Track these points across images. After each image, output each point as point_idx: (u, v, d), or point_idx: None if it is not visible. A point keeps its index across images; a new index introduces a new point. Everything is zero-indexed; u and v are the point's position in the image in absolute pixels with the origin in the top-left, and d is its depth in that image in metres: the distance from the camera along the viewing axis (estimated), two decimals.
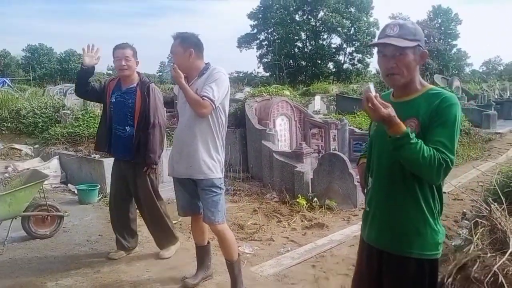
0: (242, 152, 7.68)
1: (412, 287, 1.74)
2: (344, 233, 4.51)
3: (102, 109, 4.02)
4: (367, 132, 9.07)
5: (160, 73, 52.09)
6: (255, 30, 45.67)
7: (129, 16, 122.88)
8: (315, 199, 5.73)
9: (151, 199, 3.67)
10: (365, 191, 1.97)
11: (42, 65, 50.58)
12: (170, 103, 18.58)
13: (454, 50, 48.23)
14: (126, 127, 3.52)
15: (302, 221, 5.07)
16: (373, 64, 50.37)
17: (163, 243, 3.87)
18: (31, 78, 39.45)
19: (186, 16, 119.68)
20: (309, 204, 5.64)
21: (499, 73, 54.36)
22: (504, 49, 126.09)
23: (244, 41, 46.45)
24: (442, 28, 46.85)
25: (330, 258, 3.88)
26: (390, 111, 1.53)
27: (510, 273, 2.58)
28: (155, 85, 3.74)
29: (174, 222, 4.96)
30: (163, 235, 3.85)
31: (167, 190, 5.72)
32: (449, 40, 47.33)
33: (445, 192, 6.01)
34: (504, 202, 3.04)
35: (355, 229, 4.68)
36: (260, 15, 44.19)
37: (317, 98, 19.43)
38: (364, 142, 9.56)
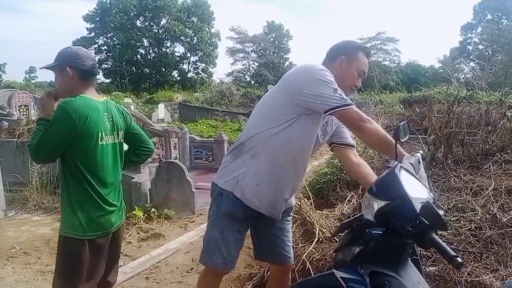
0: None
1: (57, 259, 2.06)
2: (180, 241, 4.53)
3: None
4: (208, 139, 9.31)
5: None
6: (93, 34, 42.69)
7: None
8: (153, 209, 5.62)
9: None
10: None
11: None
12: None
13: (287, 63, 53.49)
14: None
15: (138, 233, 4.91)
16: (217, 74, 52.35)
17: None
18: None
19: (7, 15, 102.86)
20: (146, 215, 5.50)
21: None
22: None
23: (80, 45, 42.68)
24: (276, 43, 51.51)
25: (164, 267, 3.84)
26: None
27: (315, 259, 2.95)
28: None
29: None
30: None
31: None
32: (282, 54, 52.29)
33: None
34: (311, 197, 3.48)
35: (191, 235, 4.76)
36: (98, 18, 41.49)
37: (161, 106, 19.24)
38: (205, 149, 9.84)
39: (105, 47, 43.09)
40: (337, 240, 2.88)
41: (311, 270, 2.78)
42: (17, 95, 17.71)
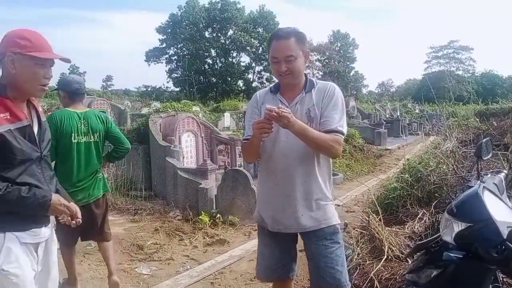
0: (145, 169, 7.46)
1: None
2: (245, 248, 4.60)
3: None
4: None
5: None
6: (164, 45, 45.07)
7: (19, 23, 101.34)
8: (219, 215, 5.77)
9: None
10: None
11: None
12: None
13: (353, 72, 52.49)
14: None
15: (204, 238, 5.06)
16: None
17: None
18: None
19: (86, 26, 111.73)
20: (212, 220, 5.65)
21: (391, 94, 60.04)
22: (395, 73, 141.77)
23: (153, 55, 45.54)
24: (342, 52, 50.78)
25: (229, 274, 3.92)
26: None
27: (384, 278, 2.87)
28: None
29: None
30: None
31: None
32: (348, 63, 51.44)
33: (339, 205, 6.46)
34: (380, 213, 3.38)
35: (255, 243, 4.78)
36: (169, 30, 43.77)
37: (227, 114, 19.67)
38: None
39: (175, 57, 45.24)
40: (408, 260, 2.77)
41: None
42: (96, 102, 19.11)
